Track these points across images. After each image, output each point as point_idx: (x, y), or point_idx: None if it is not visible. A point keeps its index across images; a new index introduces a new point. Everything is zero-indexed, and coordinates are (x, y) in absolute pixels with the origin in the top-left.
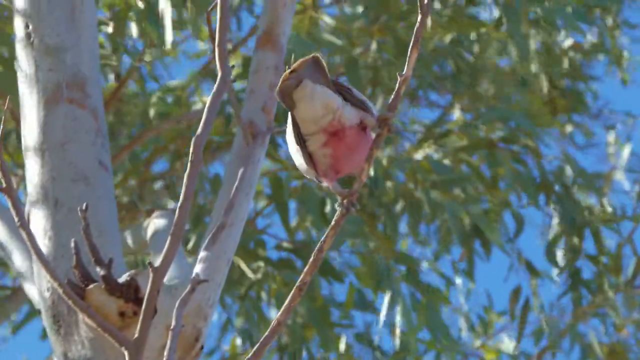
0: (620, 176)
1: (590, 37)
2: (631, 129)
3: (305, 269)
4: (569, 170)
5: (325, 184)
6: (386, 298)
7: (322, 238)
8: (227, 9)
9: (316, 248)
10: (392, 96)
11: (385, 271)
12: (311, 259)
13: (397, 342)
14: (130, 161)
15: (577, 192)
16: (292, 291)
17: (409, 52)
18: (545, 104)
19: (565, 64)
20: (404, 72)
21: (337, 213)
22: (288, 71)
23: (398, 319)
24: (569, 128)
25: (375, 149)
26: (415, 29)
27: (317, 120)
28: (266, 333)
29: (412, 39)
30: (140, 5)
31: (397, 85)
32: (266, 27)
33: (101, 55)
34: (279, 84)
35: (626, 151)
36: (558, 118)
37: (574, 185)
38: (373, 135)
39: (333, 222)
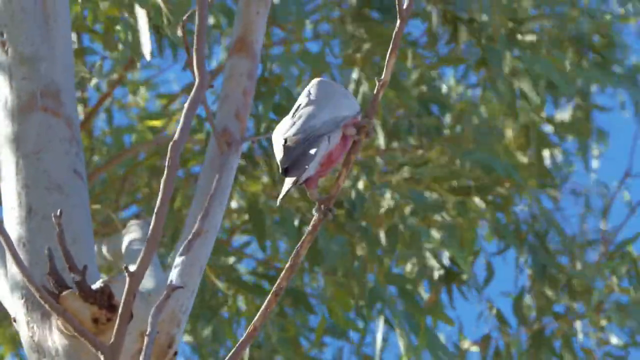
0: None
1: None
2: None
3: (282, 274)
4: (542, 221)
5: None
6: (380, 321)
7: (299, 243)
8: (204, 16)
9: (292, 254)
10: (370, 102)
11: (377, 291)
12: (288, 264)
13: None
14: (105, 183)
15: (550, 244)
16: (269, 296)
17: (387, 58)
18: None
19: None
20: (382, 77)
21: (314, 218)
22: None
23: (396, 339)
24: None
25: (353, 155)
26: (394, 34)
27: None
28: (242, 337)
29: (391, 44)
30: (128, 18)
31: (375, 90)
32: (240, 34)
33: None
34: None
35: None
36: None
37: (546, 234)
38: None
39: (310, 227)
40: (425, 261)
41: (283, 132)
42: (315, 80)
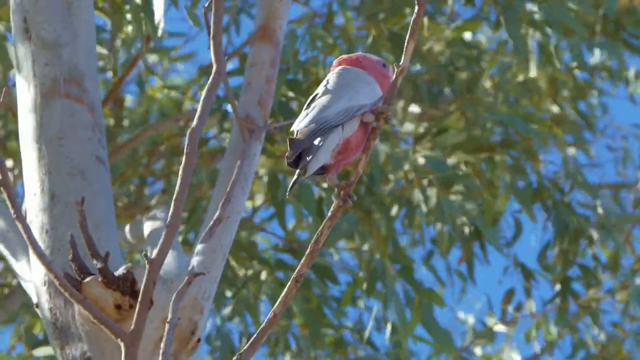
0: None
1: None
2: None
3: (302, 261)
4: (564, 178)
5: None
6: (381, 296)
7: (319, 229)
8: (221, 3)
9: (312, 240)
10: (389, 87)
11: (380, 269)
12: (307, 251)
13: (388, 338)
14: (129, 159)
15: (573, 199)
16: (289, 283)
17: (405, 43)
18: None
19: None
20: (401, 63)
21: (334, 205)
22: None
23: (390, 316)
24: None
25: (372, 141)
26: (412, 20)
27: (331, 157)
28: (262, 325)
29: (409, 30)
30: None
31: (394, 75)
32: (262, 22)
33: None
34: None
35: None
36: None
37: (570, 191)
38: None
39: (329, 214)
40: (454, 220)
41: (297, 123)
42: (337, 68)
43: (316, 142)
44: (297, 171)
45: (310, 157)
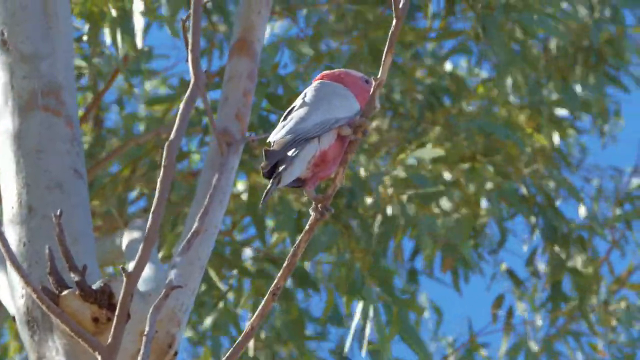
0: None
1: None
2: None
3: (279, 274)
4: (550, 184)
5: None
6: (359, 307)
7: (296, 242)
8: (199, 16)
9: (290, 253)
10: (367, 101)
11: (360, 282)
12: (285, 264)
13: (366, 352)
14: (109, 175)
15: (559, 203)
16: (266, 296)
17: (383, 57)
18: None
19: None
20: (378, 76)
21: (311, 218)
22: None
23: (368, 330)
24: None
25: (350, 154)
26: (390, 33)
27: (302, 172)
28: (240, 338)
29: (387, 44)
30: (114, 13)
31: (372, 89)
32: (240, 35)
33: (77, 66)
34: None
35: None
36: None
37: (556, 195)
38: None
39: (307, 227)
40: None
41: (273, 135)
42: (315, 82)
43: (290, 153)
44: (271, 181)
45: (285, 167)
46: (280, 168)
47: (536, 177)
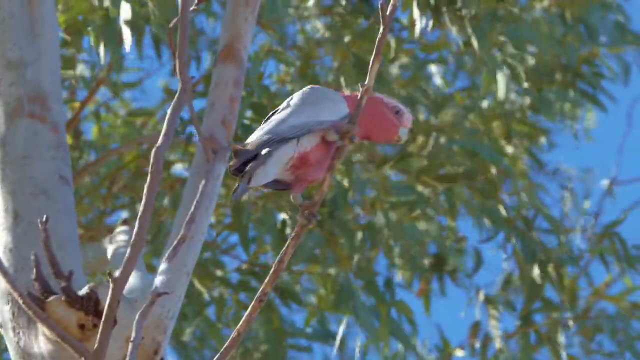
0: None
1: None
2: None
3: (266, 280)
4: (529, 207)
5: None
6: (343, 323)
7: (283, 249)
8: (187, 22)
9: (277, 259)
10: (355, 107)
11: (346, 285)
12: (272, 270)
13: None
14: (91, 184)
15: (537, 231)
16: (252, 302)
17: (370, 63)
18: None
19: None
20: (366, 82)
21: (297, 224)
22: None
23: (357, 342)
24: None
25: (337, 160)
26: (377, 39)
27: (279, 173)
28: (226, 344)
29: (375, 50)
30: (99, 20)
31: (359, 95)
32: (227, 42)
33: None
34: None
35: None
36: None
37: (534, 221)
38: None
39: (294, 234)
40: (412, 251)
41: (251, 137)
42: (305, 88)
43: (263, 152)
44: (240, 178)
45: (256, 166)
46: (253, 166)
47: (517, 202)
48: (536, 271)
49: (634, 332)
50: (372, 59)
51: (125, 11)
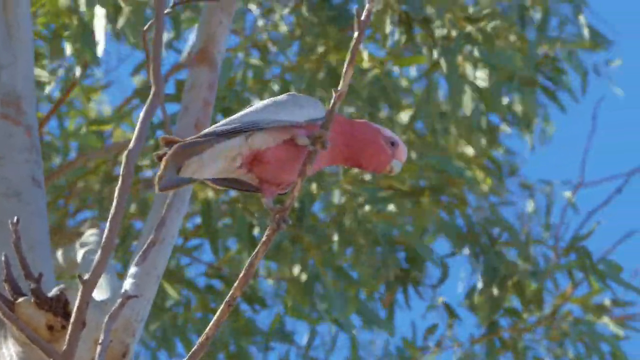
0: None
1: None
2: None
3: (236, 284)
4: (493, 223)
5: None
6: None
7: (254, 253)
8: (162, 25)
9: (247, 262)
10: (326, 112)
11: (314, 273)
12: (242, 274)
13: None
14: (55, 190)
15: (501, 246)
16: (222, 306)
17: (344, 69)
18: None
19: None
20: (339, 88)
21: (268, 229)
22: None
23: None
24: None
25: (308, 166)
26: (352, 45)
27: (228, 168)
28: (194, 347)
29: (349, 55)
30: (74, 24)
31: (332, 101)
32: (202, 45)
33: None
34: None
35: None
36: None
37: (499, 237)
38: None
39: (264, 238)
40: (379, 262)
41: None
42: (284, 94)
43: (199, 140)
44: (165, 168)
45: (192, 160)
46: (170, 153)
47: (481, 217)
48: (496, 290)
49: (597, 335)
50: (346, 64)
51: (100, 16)
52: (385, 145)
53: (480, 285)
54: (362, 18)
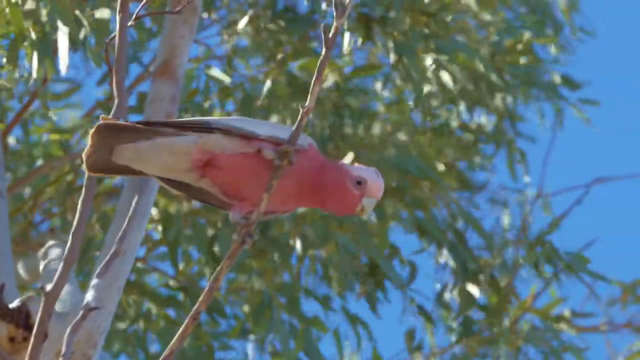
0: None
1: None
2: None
3: (200, 299)
4: (460, 219)
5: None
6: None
7: (218, 268)
8: (125, 38)
9: (212, 278)
10: (293, 128)
11: (267, 300)
12: (206, 289)
13: None
14: (16, 200)
15: (469, 240)
16: (186, 320)
17: (312, 85)
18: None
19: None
20: (306, 104)
21: (233, 244)
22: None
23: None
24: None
25: (274, 180)
26: (319, 62)
27: (176, 167)
28: None
29: (316, 72)
30: (34, 35)
31: (299, 117)
32: (164, 58)
33: None
34: (86, 161)
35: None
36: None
37: (465, 233)
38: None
39: (229, 253)
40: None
41: None
42: None
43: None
44: (90, 141)
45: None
46: (105, 121)
47: (448, 213)
48: (470, 285)
49: (559, 344)
50: (313, 80)
51: (62, 27)
52: (352, 187)
53: (451, 281)
54: (330, 35)
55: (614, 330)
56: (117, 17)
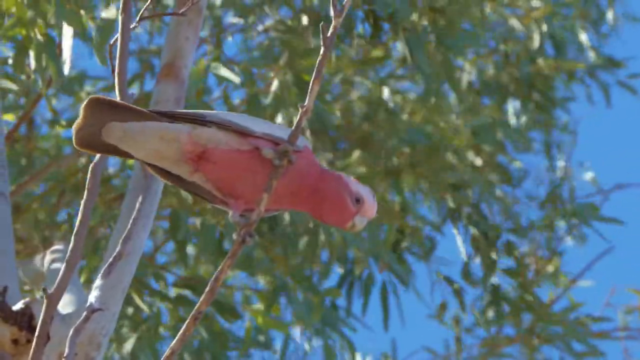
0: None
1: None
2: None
3: (202, 298)
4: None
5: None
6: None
7: (219, 268)
8: (127, 39)
9: (212, 277)
10: (293, 127)
11: (281, 282)
12: (207, 289)
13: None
14: (27, 198)
15: (485, 209)
16: (187, 320)
17: (310, 85)
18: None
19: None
20: (305, 103)
21: (234, 243)
22: (79, 119)
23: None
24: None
25: (274, 180)
26: (317, 61)
27: (166, 154)
28: None
29: (314, 72)
30: (40, 38)
31: (298, 116)
32: (168, 60)
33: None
34: (75, 136)
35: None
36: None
37: (481, 202)
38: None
39: (230, 253)
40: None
41: None
42: None
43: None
44: (80, 114)
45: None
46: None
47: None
48: (489, 250)
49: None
50: (312, 80)
51: (67, 29)
52: (349, 202)
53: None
54: (328, 34)
55: (630, 338)
56: (120, 17)
